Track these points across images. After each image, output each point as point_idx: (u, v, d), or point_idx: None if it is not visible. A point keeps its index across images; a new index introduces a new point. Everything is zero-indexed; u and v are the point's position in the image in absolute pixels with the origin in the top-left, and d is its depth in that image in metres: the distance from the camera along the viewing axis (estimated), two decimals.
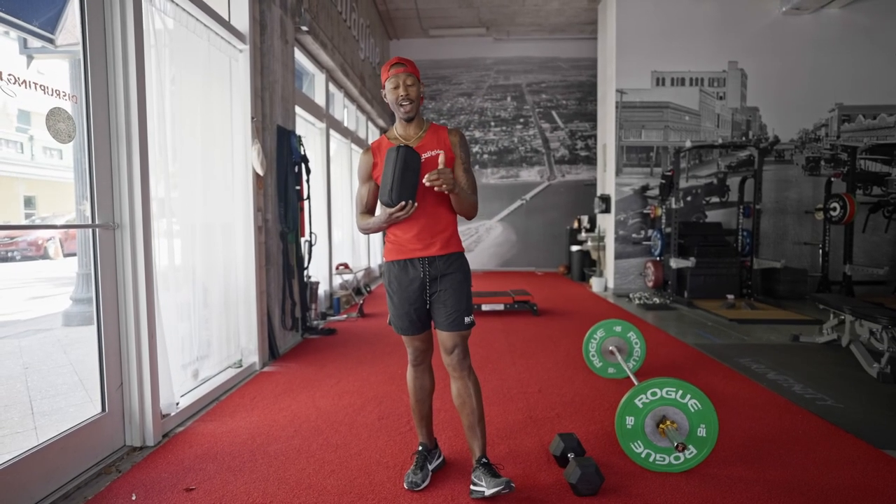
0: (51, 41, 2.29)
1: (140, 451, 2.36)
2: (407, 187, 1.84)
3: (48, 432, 2.12)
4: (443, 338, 2.01)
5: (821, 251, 6.62)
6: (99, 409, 2.32)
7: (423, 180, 1.85)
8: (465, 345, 2.03)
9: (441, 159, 1.87)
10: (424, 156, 1.94)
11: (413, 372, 2.14)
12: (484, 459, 1.98)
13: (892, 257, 7.00)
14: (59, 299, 5.82)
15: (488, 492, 1.86)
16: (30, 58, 2.43)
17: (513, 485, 1.87)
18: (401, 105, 1.94)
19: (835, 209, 6.10)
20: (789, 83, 7.21)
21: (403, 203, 1.84)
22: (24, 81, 1.93)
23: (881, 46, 7.09)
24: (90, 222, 2.29)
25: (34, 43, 2.34)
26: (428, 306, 2.02)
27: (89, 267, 2.32)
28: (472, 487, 1.96)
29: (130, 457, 2.32)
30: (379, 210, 1.93)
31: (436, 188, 1.85)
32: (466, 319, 2.00)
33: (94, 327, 2.30)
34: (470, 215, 2.06)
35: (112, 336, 2.34)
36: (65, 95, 2.11)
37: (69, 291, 4.26)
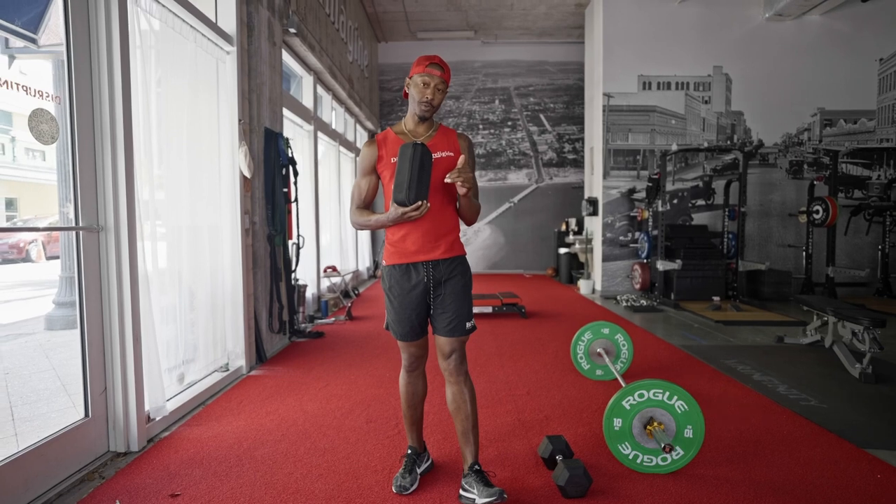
0: (33, 41, 2.25)
1: (124, 457, 2.33)
2: (423, 186, 1.80)
3: (29, 438, 2.07)
4: (441, 343, 1.98)
5: (804, 253, 6.73)
6: (82, 415, 2.28)
7: (446, 178, 1.83)
8: (463, 350, 2.00)
9: (461, 160, 1.85)
10: (435, 156, 1.90)
11: (407, 377, 2.11)
12: (476, 466, 1.96)
13: (873, 259, 7.13)
14: (41, 303, 5.72)
15: (479, 500, 1.83)
16: (11, 58, 2.39)
17: (505, 495, 1.84)
18: (422, 103, 1.91)
19: (817, 212, 6.21)
20: (773, 88, 7.33)
21: (419, 202, 1.80)
22: (6, 82, 1.89)
23: (861, 52, 7.24)
24: (74, 225, 2.25)
25: (16, 43, 2.30)
26: (432, 311, 1.98)
27: (73, 270, 2.28)
28: (461, 493, 1.95)
29: (114, 462, 2.28)
30: (391, 208, 1.86)
31: (458, 185, 1.83)
32: (467, 325, 1.97)
33: (78, 331, 2.26)
34: (473, 220, 2.05)
35: (96, 340, 2.30)
36: (48, 96, 2.08)
37: (52, 295, 4.19)
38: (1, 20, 2.09)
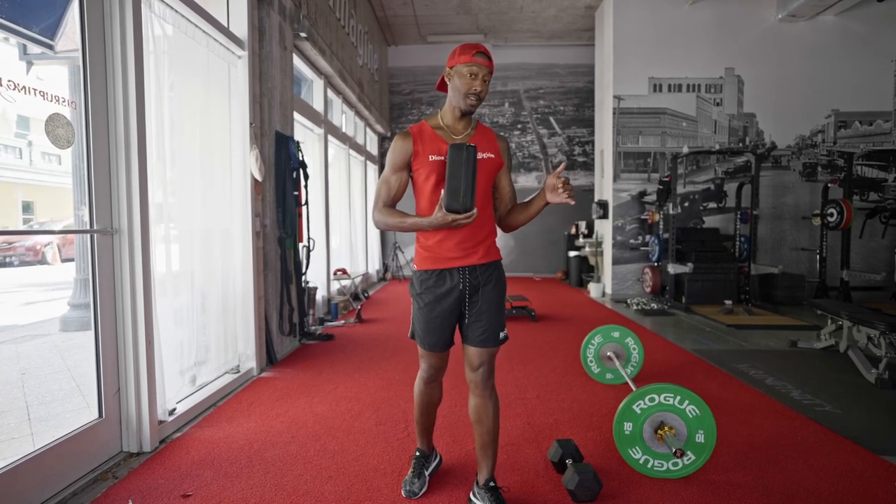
0: (50, 47, 2.29)
1: (137, 457, 2.35)
2: (476, 193, 1.70)
3: (45, 438, 2.10)
4: (471, 353, 1.87)
5: (818, 257, 6.64)
6: (96, 415, 2.31)
7: (552, 180, 1.74)
8: (493, 362, 1.90)
9: (562, 166, 1.76)
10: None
11: (424, 388, 2.03)
12: (492, 483, 1.90)
13: (889, 263, 7.02)
14: (56, 304, 5.80)
15: None
16: (29, 64, 2.43)
17: None
18: (469, 96, 1.77)
19: (832, 215, 6.13)
20: (786, 89, 7.26)
21: (473, 210, 1.67)
22: (24, 87, 1.93)
23: (876, 53, 7.15)
24: (88, 228, 2.29)
25: (34, 49, 2.34)
26: (465, 320, 1.87)
27: (87, 272, 2.32)
28: (471, 497, 1.94)
29: (127, 463, 2.31)
30: (437, 212, 1.69)
31: (566, 198, 1.73)
32: (501, 335, 1.87)
33: (92, 333, 2.29)
34: (516, 229, 1.96)
35: (109, 341, 2.33)
36: (64, 101, 2.12)
37: (67, 297, 4.25)
38: (20, 27, 2.13)
